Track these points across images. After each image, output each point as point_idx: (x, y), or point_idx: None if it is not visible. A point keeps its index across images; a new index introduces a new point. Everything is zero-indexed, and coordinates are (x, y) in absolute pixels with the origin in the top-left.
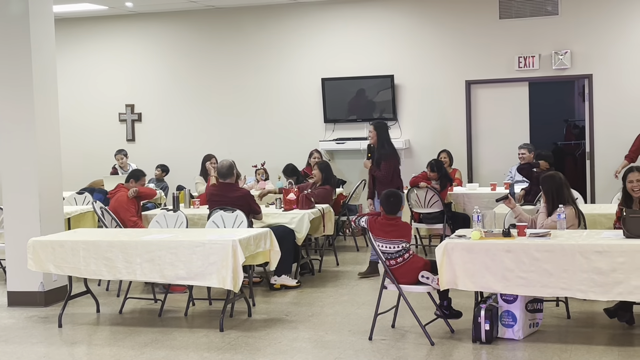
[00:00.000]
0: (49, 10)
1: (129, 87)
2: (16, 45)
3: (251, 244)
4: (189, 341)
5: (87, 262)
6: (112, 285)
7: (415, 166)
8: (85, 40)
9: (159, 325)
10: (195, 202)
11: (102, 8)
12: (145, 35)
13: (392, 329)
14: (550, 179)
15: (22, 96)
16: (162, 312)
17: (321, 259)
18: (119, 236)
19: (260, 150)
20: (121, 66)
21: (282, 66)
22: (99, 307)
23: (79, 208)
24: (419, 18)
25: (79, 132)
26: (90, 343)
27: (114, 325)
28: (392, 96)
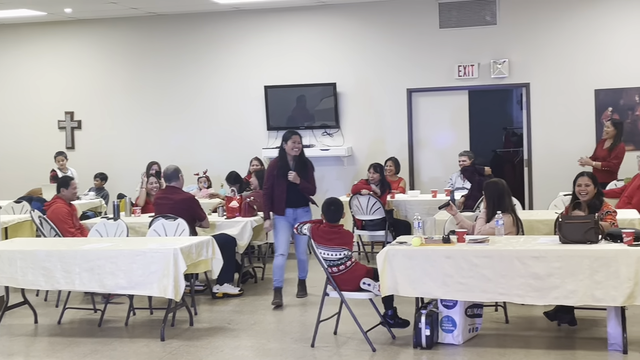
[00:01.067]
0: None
1: (69, 94)
2: None
3: (193, 252)
4: (129, 351)
5: (25, 272)
6: (51, 295)
7: (357, 173)
8: (24, 46)
9: (99, 335)
10: (136, 211)
11: (40, 14)
12: (85, 42)
13: (334, 335)
14: (494, 185)
15: None
16: (102, 322)
17: (264, 267)
18: (57, 245)
19: (203, 158)
20: (60, 73)
21: (225, 74)
22: (37, 317)
23: (16, 217)
24: (361, 27)
25: (17, 139)
26: (27, 355)
27: (53, 336)
28: (334, 104)
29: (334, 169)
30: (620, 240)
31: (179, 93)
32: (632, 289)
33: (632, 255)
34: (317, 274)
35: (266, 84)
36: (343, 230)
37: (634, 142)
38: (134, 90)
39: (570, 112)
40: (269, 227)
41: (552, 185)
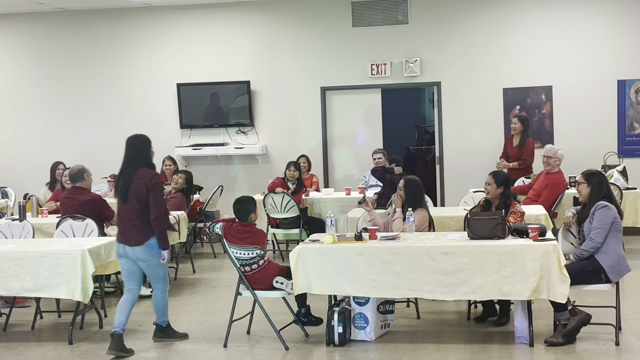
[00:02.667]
0: None
1: None
2: None
3: (102, 253)
4: (36, 355)
5: None
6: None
7: (272, 171)
8: None
9: (4, 339)
10: (44, 211)
11: None
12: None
13: (248, 335)
14: (415, 183)
15: None
16: (7, 326)
17: (177, 267)
18: None
19: (115, 157)
20: None
21: (136, 71)
22: None
23: None
24: (275, 24)
25: None
26: None
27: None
28: (248, 102)
29: (248, 167)
30: (526, 236)
31: (89, 91)
32: (538, 283)
33: (537, 250)
34: (230, 272)
35: (179, 82)
36: (255, 229)
37: (540, 140)
38: (42, 87)
39: (480, 110)
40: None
41: (462, 182)
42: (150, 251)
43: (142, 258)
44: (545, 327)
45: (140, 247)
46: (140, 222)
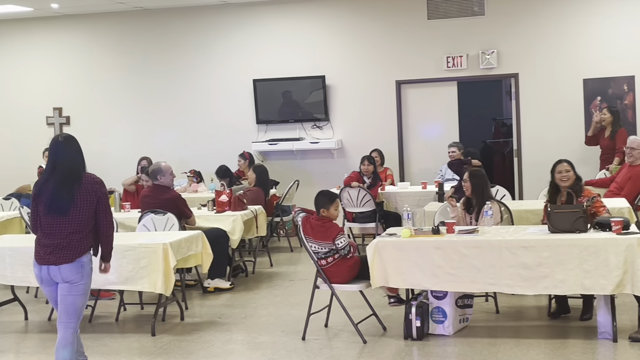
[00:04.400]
0: None
1: (57, 90)
2: None
3: (182, 247)
4: (120, 347)
5: (14, 269)
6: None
7: (347, 166)
8: (11, 42)
9: (90, 331)
10: (126, 206)
11: (27, 9)
12: (73, 37)
13: (325, 328)
14: (481, 174)
15: None
16: (92, 317)
17: (254, 261)
18: None
19: (193, 152)
20: (49, 69)
21: (214, 68)
22: (27, 314)
23: (5, 214)
24: (350, 18)
25: (6, 136)
26: (18, 351)
27: (43, 333)
28: (324, 97)
29: (324, 161)
30: (609, 229)
31: (168, 88)
32: (621, 277)
33: (620, 244)
34: (307, 266)
35: (255, 78)
36: (328, 224)
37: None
38: (123, 85)
39: (559, 101)
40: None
41: (541, 175)
42: (81, 270)
43: (71, 279)
44: (629, 323)
45: (71, 264)
46: (82, 236)
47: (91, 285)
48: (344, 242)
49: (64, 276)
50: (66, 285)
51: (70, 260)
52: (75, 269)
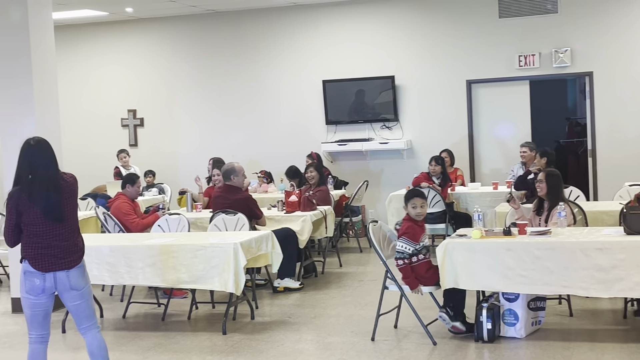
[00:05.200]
0: (49, 18)
1: (131, 92)
2: (16, 54)
3: (252, 247)
4: (192, 345)
5: (90, 268)
6: (116, 290)
7: (417, 166)
8: (87, 46)
9: (162, 329)
10: (198, 206)
11: (102, 14)
12: (146, 40)
13: (395, 329)
14: (556, 175)
15: (24, 104)
16: (165, 316)
17: (324, 261)
18: (121, 241)
19: (263, 153)
20: (123, 72)
21: (283, 69)
22: (103, 312)
23: (81, 214)
24: (419, 18)
25: (82, 138)
26: None
27: (118, 330)
28: (393, 97)
29: (393, 162)
30: None
31: (238, 89)
32: None
33: None
34: (376, 267)
35: (324, 78)
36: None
37: None
38: (195, 87)
39: (635, 100)
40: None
41: (616, 175)
42: (84, 273)
43: (79, 284)
44: None
45: (78, 269)
46: (79, 238)
47: (164, 284)
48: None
49: (73, 283)
50: (75, 292)
51: (77, 264)
52: (81, 274)
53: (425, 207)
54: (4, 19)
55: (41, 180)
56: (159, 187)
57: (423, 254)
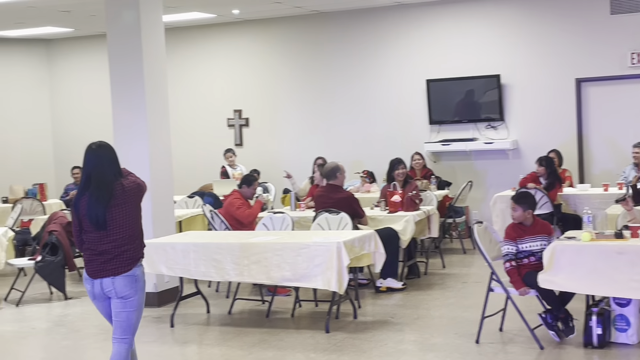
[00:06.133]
0: (159, 20)
1: (237, 92)
2: (128, 55)
3: (356, 246)
4: (295, 342)
5: (197, 264)
6: (222, 286)
7: (523, 167)
8: (195, 47)
9: (267, 326)
10: (301, 205)
11: (210, 16)
12: (252, 42)
13: (500, 332)
14: None
15: (135, 104)
16: (269, 313)
17: (427, 262)
18: (227, 238)
19: (365, 152)
20: (229, 72)
21: (387, 68)
22: (209, 307)
23: (189, 211)
24: (526, 16)
25: (189, 137)
26: (200, 343)
27: (223, 326)
28: (498, 96)
29: (498, 162)
30: None
31: (341, 89)
32: None
33: None
34: (480, 269)
35: (428, 78)
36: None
37: None
38: (298, 87)
39: None
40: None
41: None
42: (135, 284)
43: (125, 293)
44: None
45: (125, 277)
46: (129, 247)
47: (269, 281)
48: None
49: (118, 290)
50: (119, 301)
51: (123, 272)
52: (129, 283)
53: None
54: (117, 24)
55: (93, 186)
56: (263, 186)
57: (529, 255)
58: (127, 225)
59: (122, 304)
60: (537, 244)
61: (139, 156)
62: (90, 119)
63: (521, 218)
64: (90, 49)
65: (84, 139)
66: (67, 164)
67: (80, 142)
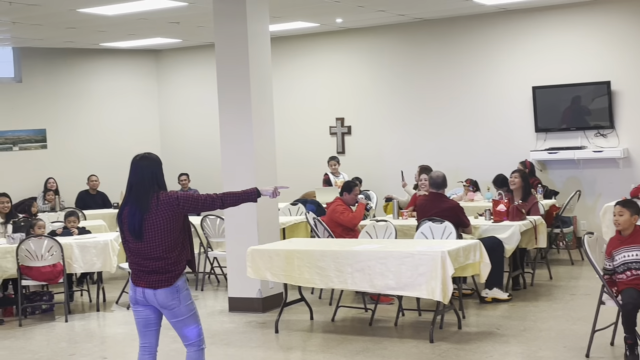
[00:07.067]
0: (266, 30)
1: (339, 101)
2: (236, 64)
3: (460, 256)
4: (399, 351)
5: (301, 271)
6: (325, 293)
7: (634, 176)
8: (298, 56)
9: (370, 334)
10: (404, 213)
11: (314, 25)
12: (355, 50)
13: (611, 346)
14: None
15: (242, 112)
16: (372, 321)
17: (533, 272)
18: (330, 246)
19: (469, 160)
20: (332, 80)
21: (491, 75)
22: (313, 314)
23: (293, 218)
24: (636, 20)
25: (293, 145)
26: (304, 349)
27: (327, 333)
28: (608, 103)
29: (607, 171)
30: None
31: (444, 96)
32: None
33: None
34: (589, 281)
35: (534, 85)
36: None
37: None
38: (401, 95)
39: None
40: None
41: None
42: (177, 295)
43: (169, 304)
44: None
45: (166, 290)
46: (170, 261)
47: (372, 289)
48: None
49: (161, 302)
50: (166, 312)
51: (164, 285)
52: (170, 294)
53: (623, 217)
54: (225, 34)
55: (133, 197)
56: (365, 194)
57: (625, 271)
58: (161, 238)
59: (171, 313)
60: (633, 254)
61: (244, 164)
62: (197, 127)
63: (627, 224)
64: (198, 59)
65: (191, 147)
66: (174, 172)
67: (187, 150)
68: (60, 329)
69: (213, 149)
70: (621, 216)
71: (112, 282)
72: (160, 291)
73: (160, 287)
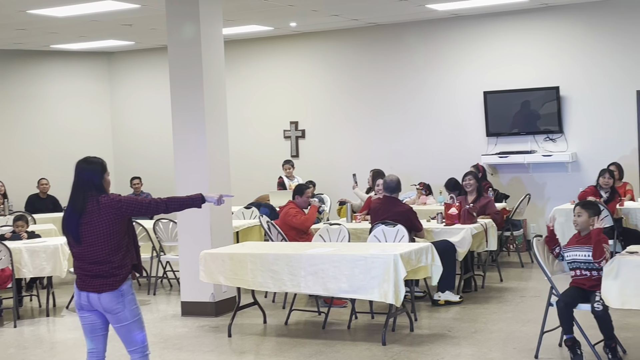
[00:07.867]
0: (219, 33)
1: (293, 104)
2: (189, 67)
3: (412, 259)
4: (352, 354)
5: (255, 274)
6: (278, 297)
7: (582, 180)
8: (252, 60)
9: (323, 337)
10: (357, 217)
11: (268, 29)
12: (308, 54)
13: (559, 347)
14: None
15: (195, 115)
16: (325, 324)
17: (484, 275)
18: (284, 249)
19: (422, 164)
20: (285, 84)
21: (444, 80)
22: (266, 318)
23: (246, 222)
24: (585, 28)
25: (247, 148)
26: (257, 353)
27: (280, 336)
28: (557, 108)
29: (556, 175)
30: None
31: (397, 100)
32: None
33: None
34: (539, 282)
35: (485, 89)
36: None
37: None
38: (355, 99)
39: None
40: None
41: None
42: (121, 299)
43: (113, 308)
44: None
45: (111, 293)
46: (112, 266)
47: (325, 293)
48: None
49: (105, 306)
50: (110, 316)
51: (109, 289)
52: (115, 299)
53: (581, 217)
54: (178, 37)
55: (70, 199)
56: (319, 197)
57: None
58: (103, 241)
59: (115, 318)
60: (584, 254)
61: (198, 167)
62: (150, 130)
63: (585, 224)
64: (151, 62)
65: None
66: (127, 175)
67: (140, 154)
68: (8, 335)
69: (166, 152)
70: (579, 217)
71: (62, 286)
72: (104, 295)
73: (105, 290)
